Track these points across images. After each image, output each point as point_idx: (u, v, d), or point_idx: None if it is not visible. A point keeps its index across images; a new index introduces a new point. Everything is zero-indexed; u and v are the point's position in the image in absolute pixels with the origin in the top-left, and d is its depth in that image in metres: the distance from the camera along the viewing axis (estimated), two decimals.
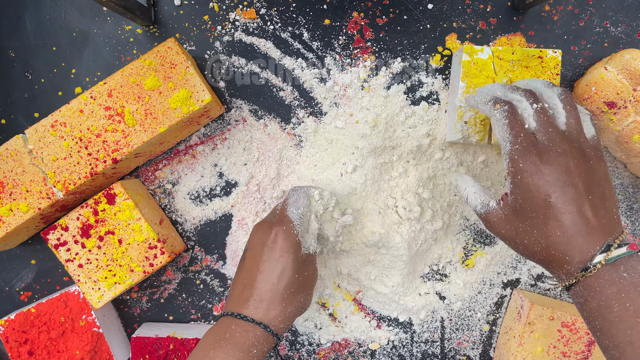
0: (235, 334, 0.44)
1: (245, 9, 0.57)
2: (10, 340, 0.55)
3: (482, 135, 0.51)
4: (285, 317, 0.46)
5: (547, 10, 0.57)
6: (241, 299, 0.46)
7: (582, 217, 0.40)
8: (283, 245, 0.47)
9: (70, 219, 0.53)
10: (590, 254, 0.39)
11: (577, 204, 0.40)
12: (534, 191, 0.41)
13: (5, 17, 0.57)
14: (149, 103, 0.51)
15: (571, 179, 0.40)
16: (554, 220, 0.40)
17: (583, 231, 0.39)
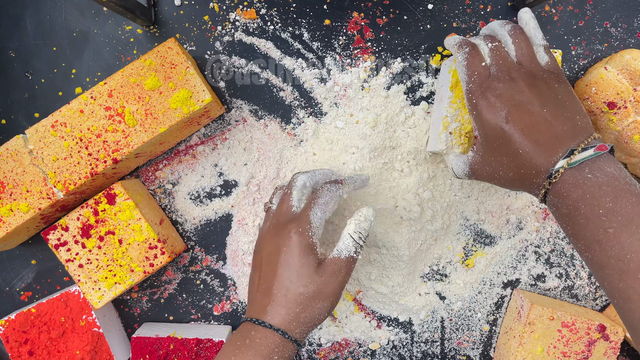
0: (255, 340, 0.43)
1: (245, 9, 0.57)
2: (11, 340, 0.55)
3: (465, 147, 0.50)
4: (299, 323, 0.44)
5: (547, 11, 0.57)
6: (261, 304, 0.45)
7: (540, 127, 0.40)
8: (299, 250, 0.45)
9: (71, 219, 0.53)
10: (553, 161, 0.39)
11: (533, 117, 0.41)
12: (491, 120, 0.42)
13: (5, 17, 0.57)
14: (149, 103, 0.51)
15: (522, 97, 0.42)
16: (516, 140, 0.41)
17: (544, 141, 0.40)
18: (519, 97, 0.42)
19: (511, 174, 0.42)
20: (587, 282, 0.60)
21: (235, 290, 0.60)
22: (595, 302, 0.61)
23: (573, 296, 0.61)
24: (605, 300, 0.61)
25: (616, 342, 0.55)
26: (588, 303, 0.61)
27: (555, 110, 0.41)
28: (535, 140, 0.40)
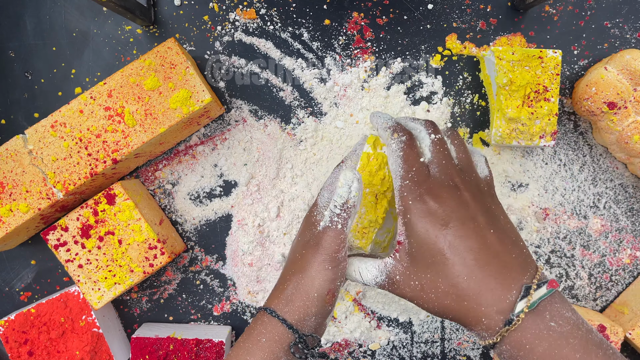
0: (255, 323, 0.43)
1: (245, 9, 0.57)
2: (10, 341, 0.55)
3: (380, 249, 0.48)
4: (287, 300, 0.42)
5: (547, 11, 0.57)
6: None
7: (488, 253, 0.34)
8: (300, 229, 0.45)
9: (70, 219, 0.53)
10: (508, 300, 0.33)
11: (480, 239, 0.35)
12: (428, 230, 0.36)
13: (5, 17, 0.57)
14: (149, 103, 0.51)
15: (468, 212, 0.36)
16: (456, 261, 0.34)
17: (495, 271, 0.34)
18: (464, 211, 0.36)
19: (447, 302, 0.35)
20: (587, 283, 0.60)
21: (235, 291, 0.60)
22: (595, 302, 0.61)
23: (573, 296, 0.61)
24: (605, 301, 0.61)
25: (616, 342, 0.55)
26: (588, 303, 0.61)
27: (501, 234, 0.36)
28: (483, 268, 0.34)
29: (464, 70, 0.58)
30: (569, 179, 0.59)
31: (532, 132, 0.53)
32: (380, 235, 0.48)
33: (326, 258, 0.41)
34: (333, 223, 0.41)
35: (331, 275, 0.41)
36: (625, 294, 0.60)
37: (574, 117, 0.59)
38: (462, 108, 0.58)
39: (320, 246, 0.41)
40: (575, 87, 0.56)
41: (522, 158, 0.59)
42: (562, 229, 0.60)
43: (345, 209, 0.40)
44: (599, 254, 0.60)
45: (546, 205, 0.59)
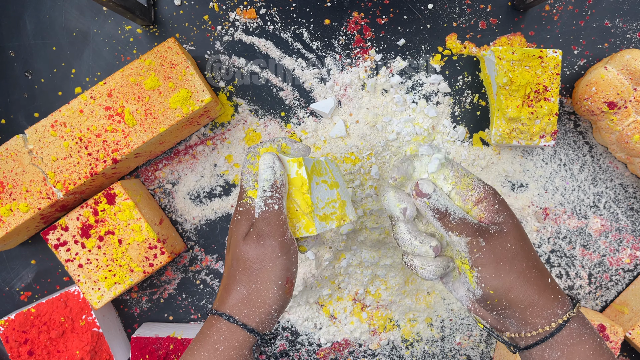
0: (205, 329, 0.41)
1: (245, 8, 0.57)
2: (10, 340, 0.55)
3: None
4: (245, 303, 0.40)
5: (547, 10, 0.57)
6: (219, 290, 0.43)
7: (544, 273, 0.40)
8: (233, 223, 0.42)
9: (70, 219, 0.53)
10: (562, 308, 0.39)
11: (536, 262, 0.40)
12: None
13: (5, 17, 0.57)
14: (149, 103, 0.51)
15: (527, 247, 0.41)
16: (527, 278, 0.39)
17: (551, 286, 0.40)
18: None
19: (520, 297, 0.39)
20: (587, 282, 0.60)
21: None
22: (595, 302, 0.61)
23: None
24: (605, 301, 0.61)
25: (616, 342, 0.55)
26: (588, 303, 0.61)
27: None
28: (546, 283, 0.40)
29: (464, 70, 0.58)
30: (569, 179, 0.59)
31: (532, 131, 0.53)
32: (320, 210, 0.44)
33: (276, 245, 0.39)
34: (269, 206, 0.40)
35: (286, 263, 0.40)
36: (625, 293, 0.60)
37: (574, 116, 0.59)
38: (462, 108, 0.58)
39: (265, 234, 0.40)
40: (576, 87, 0.56)
41: (522, 158, 0.59)
42: (562, 228, 0.60)
43: (275, 189, 0.40)
44: (599, 253, 0.60)
45: (546, 205, 0.59)
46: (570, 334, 0.38)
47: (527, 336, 0.39)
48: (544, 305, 0.39)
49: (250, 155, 0.43)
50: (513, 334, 0.40)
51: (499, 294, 0.38)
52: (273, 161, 0.40)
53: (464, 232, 0.39)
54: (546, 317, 0.38)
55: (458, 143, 0.58)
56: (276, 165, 0.40)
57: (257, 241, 0.40)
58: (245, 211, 0.41)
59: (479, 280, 0.39)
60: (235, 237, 0.41)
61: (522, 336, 0.39)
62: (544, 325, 0.38)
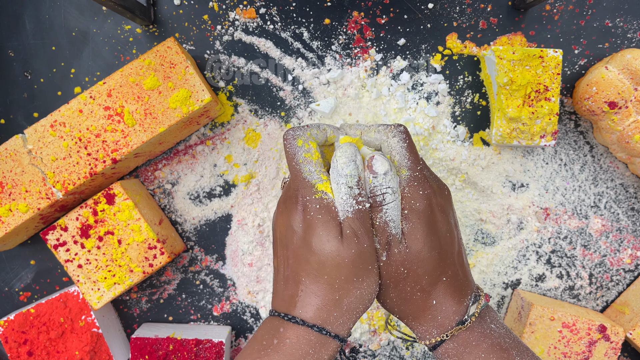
0: (284, 340, 0.35)
1: (245, 8, 0.57)
2: (10, 341, 0.55)
3: None
4: (342, 311, 0.36)
5: (547, 10, 0.57)
6: (289, 295, 0.37)
7: (453, 268, 0.38)
8: (311, 217, 0.36)
9: (70, 219, 0.53)
10: (464, 304, 0.38)
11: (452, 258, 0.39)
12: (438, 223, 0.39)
13: (4, 16, 0.57)
14: (149, 103, 0.51)
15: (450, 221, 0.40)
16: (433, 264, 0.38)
17: (453, 282, 0.38)
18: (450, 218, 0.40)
19: (414, 298, 0.38)
20: (588, 283, 0.60)
21: (234, 291, 0.60)
22: (596, 302, 0.61)
23: (574, 296, 0.60)
24: (605, 301, 0.61)
25: (617, 342, 0.55)
26: (589, 303, 0.61)
27: (464, 257, 0.41)
28: (448, 278, 0.38)
29: (465, 70, 0.58)
30: (569, 179, 0.59)
31: (532, 131, 0.53)
32: None
33: (373, 247, 0.36)
34: (360, 204, 0.36)
35: (377, 274, 0.37)
36: (626, 294, 0.60)
37: (574, 116, 0.59)
38: (463, 107, 0.58)
39: (362, 235, 0.35)
40: (576, 87, 0.56)
41: (523, 158, 0.59)
42: (562, 228, 0.59)
43: (362, 186, 0.36)
44: (600, 254, 0.60)
45: (547, 205, 0.59)
46: (472, 331, 0.38)
47: (434, 340, 0.38)
48: (456, 304, 0.38)
49: (302, 141, 0.38)
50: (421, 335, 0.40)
51: (391, 305, 0.39)
52: (355, 154, 0.36)
53: (379, 236, 0.37)
54: (451, 318, 0.38)
55: (458, 143, 0.58)
56: (358, 159, 0.36)
57: (358, 243, 0.35)
58: (324, 208, 0.36)
59: (408, 230, 0.37)
60: (323, 235, 0.36)
61: (427, 336, 0.39)
62: (451, 328, 0.38)
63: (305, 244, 0.36)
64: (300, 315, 0.36)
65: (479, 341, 0.37)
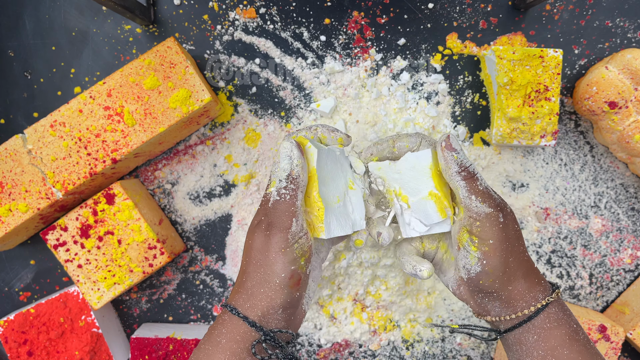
0: (215, 323, 0.40)
1: (244, 8, 0.57)
2: (10, 341, 0.55)
3: None
4: (248, 294, 0.39)
5: (548, 10, 0.57)
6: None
7: (528, 259, 0.41)
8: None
9: (70, 219, 0.53)
10: (543, 292, 0.40)
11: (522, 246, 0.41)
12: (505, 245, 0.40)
13: (4, 16, 0.57)
14: (149, 103, 0.51)
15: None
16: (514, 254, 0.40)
17: (532, 270, 0.41)
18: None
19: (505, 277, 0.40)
20: (588, 283, 0.60)
21: None
22: (596, 302, 0.61)
23: (574, 297, 0.60)
24: (606, 301, 0.61)
25: (617, 342, 0.55)
26: (589, 303, 0.61)
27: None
28: (530, 266, 0.41)
29: (465, 70, 0.58)
30: (569, 179, 0.59)
31: (532, 131, 0.53)
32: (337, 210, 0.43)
33: (280, 238, 0.38)
34: (281, 196, 0.39)
35: (290, 256, 0.38)
36: (626, 294, 0.60)
37: (574, 116, 0.59)
38: (463, 107, 0.58)
39: (271, 225, 0.38)
40: (576, 87, 0.56)
41: (523, 158, 0.59)
42: (563, 228, 0.59)
43: (291, 181, 0.39)
44: (600, 254, 0.60)
45: (547, 205, 0.59)
46: (548, 317, 0.39)
47: (506, 319, 0.40)
48: (528, 289, 0.39)
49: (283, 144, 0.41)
50: (493, 318, 0.41)
51: (495, 274, 0.39)
52: (291, 150, 0.39)
53: (487, 202, 0.39)
54: (527, 300, 0.39)
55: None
56: (294, 154, 0.39)
57: (264, 232, 0.39)
58: (264, 202, 0.40)
59: (482, 256, 0.39)
60: (250, 226, 0.41)
61: (501, 319, 0.40)
62: (524, 308, 0.39)
63: (250, 228, 0.41)
64: (228, 301, 0.40)
65: (553, 328, 0.38)
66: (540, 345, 0.38)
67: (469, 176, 0.39)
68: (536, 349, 0.39)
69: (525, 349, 0.39)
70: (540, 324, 0.39)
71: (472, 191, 0.39)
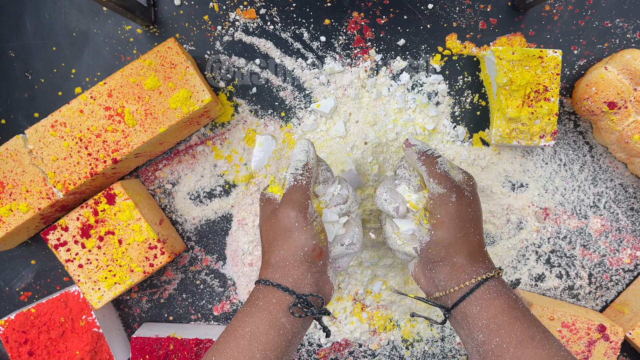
0: (250, 297, 0.44)
1: (245, 8, 0.57)
2: (10, 341, 0.55)
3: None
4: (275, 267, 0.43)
5: (547, 10, 0.57)
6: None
7: (479, 239, 0.45)
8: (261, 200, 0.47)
9: (70, 219, 0.53)
10: (488, 266, 0.44)
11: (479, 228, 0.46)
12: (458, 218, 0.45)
13: (5, 17, 0.57)
14: (149, 103, 0.51)
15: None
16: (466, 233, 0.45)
17: (481, 251, 0.45)
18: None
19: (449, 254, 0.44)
20: (587, 282, 0.60)
21: (235, 290, 0.60)
22: (595, 302, 0.61)
23: (573, 296, 0.61)
24: (605, 301, 0.61)
25: (616, 342, 0.55)
26: (588, 303, 0.61)
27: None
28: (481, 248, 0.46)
29: (464, 70, 0.58)
30: (569, 179, 0.59)
31: (532, 131, 0.53)
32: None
33: (301, 217, 0.43)
34: (298, 181, 0.44)
35: (311, 232, 0.43)
36: (625, 293, 0.60)
37: (574, 116, 0.59)
38: (462, 108, 0.58)
39: (291, 206, 0.43)
40: (576, 87, 0.56)
41: (522, 158, 0.59)
42: (562, 228, 0.60)
43: (306, 169, 0.45)
44: (599, 253, 0.60)
45: (546, 205, 0.59)
46: (488, 290, 0.43)
47: (451, 292, 0.44)
48: (471, 263, 0.44)
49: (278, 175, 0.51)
50: (441, 292, 0.45)
51: (441, 244, 0.44)
52: (308, 146, 0.45)
53: (443, 184, 0.44)
54: (470, 273, 0.43)
55: (458, 143, 0.58)
56: (310, 150, 0.45)
57: (285, 212, 0.43)
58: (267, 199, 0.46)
59: (432, 228, 0.44)
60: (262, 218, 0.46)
61: (447, 293, 0.44)
62: (466, 280, 0.43)
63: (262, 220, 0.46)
64: (259, 278, 0.44)
65: (494, 298, 0.42)
66: (483, 315, 0.42)
67: (428, 160, 0.45)
68: (479, 319, 0.42)
69: (471, 320, 0.42)
70: (482, 295, 0.42)
71: (431, 174, 0.44)
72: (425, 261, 0.45)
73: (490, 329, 0.41)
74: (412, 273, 0.48)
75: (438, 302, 0.46)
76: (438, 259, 0.44)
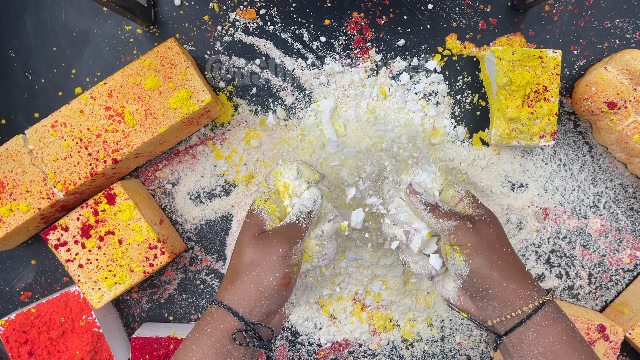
0: (205, 317, 0.44)
1: (245, 9, 0.57)
2: (11, 341, 0.55)
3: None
4: (235, 289, 0.43)
5: (547, 11, 0.57)
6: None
7: (520, 265, 0.45)
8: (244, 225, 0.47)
9: (71, 219, 0.53)
10: (539, 293, 0.43)
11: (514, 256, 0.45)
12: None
13: (5, 17, 0.57)
14: (149, 103, 0.51)
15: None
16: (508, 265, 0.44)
17: (526, 275, 0.44)
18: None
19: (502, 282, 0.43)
20: (587, 282, 0.60)
21: None
22: (595, 302, 0.61)
23: (573, 296, 0.61)
24: (605, 301, 0.61)
25: (616, 342, 0.55)
26: (588, 303, 0.61)
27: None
28: (523, 272, 0.44)
29: (464, 70, 0.58)
30: (568, 179, 0.59)
31: (532, 132, 0.54)
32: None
33: (287, 247, 0.43)
34: (299, 222, 0.46)
35: (288, 262, 0.44)
36: (625, 293, 0.60)
37: (573, 117, 0.59)
38: (462, 108, 0.58)
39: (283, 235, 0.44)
40: (575, 87, 0.56)
41: (522, 158, 0.59)
42: (562, 228, 0.60)
43: (309, 217, 0.47)
44: (599, 253, 0.60)
45: (546, 205, 0.59)
46: (546, 315, 0.41)
47: (507, 319, 0.42)
48: (523, 287, 0.42)
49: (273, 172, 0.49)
50: (495, 320, 0.43)
51: (484, 270, 0.43)
52: (318, 196, 0.48)
53: (453, 218, 0.45)
54: (524, 298, 0.42)
55: (458, 143, 0.58)
56: (318, 201, 0.48)
57: (276, 243, 0.43)
58: (254, 217, 0.46)
59: (467, 258, 0.43)
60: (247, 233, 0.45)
61: (503, 320, 0.42)
62: (522, 306, 0.42)
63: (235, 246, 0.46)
64: (217, 297, 0.44)
65: (551, 325, 0.41)
66: (540, 342, 0.40)
67: (433, 208, 0.46)
68: (536, 346, 0.40)
69: (526, 347, 0.41)
70: (539, 322, 0.41)
71: (438, 216, 0.45)
72: (473, 291, 0.44)
73: (547, 357, 0.40)
74: (456, 304, 0.47)
75: (492, 329, 0.44)
76: (486, 286, 0.43)
